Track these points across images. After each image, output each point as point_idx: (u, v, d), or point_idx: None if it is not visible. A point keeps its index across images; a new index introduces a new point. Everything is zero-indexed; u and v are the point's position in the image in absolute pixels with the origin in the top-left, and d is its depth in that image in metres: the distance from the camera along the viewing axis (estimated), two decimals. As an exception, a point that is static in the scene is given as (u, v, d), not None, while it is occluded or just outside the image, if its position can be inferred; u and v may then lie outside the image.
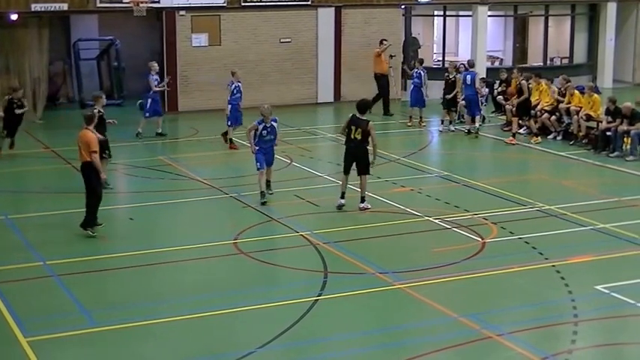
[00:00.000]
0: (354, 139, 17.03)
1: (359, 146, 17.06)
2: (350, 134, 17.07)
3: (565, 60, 35.59)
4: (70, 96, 31.89)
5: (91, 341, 11.59)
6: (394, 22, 31.96)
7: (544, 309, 12.63)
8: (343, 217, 17.00)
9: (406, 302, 12.94)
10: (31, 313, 12.44)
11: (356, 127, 16.99)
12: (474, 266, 14.13)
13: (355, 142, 17.04)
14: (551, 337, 11.75)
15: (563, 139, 23.94)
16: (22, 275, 13.93)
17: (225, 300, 12.83)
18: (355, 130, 16.99)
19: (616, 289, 13.10)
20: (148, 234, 16.50)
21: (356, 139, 17.01)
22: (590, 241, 15.61)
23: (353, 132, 17.01)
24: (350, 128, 17.05)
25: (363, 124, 16.95)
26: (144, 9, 27.69)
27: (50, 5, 27.14)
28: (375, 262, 14.37)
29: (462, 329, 11.81)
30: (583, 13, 35.95)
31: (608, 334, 11.97)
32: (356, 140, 17.02)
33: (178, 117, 28.80)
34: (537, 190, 18.93)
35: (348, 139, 17.19)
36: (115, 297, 13.21)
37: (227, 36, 29.72)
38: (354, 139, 17.03)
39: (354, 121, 17.07)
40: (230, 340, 11.64)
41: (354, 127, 17.00)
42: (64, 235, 16.11)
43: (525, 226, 16.25)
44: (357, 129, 16.97)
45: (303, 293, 13.06)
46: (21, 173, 21.52)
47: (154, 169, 21.16)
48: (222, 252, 15.02)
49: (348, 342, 11.57)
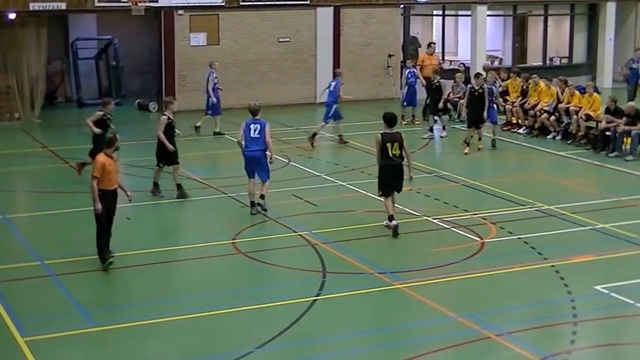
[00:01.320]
0: (394, 155, 15.73)
1: (400, 162, 15.88)
2: (387, 152, 15.72)
3: (564, 60, 35.59)
4: (68, 95, 31.88)
5: (89, 341, 11.56)
6: (393, 21, 31.97)
7: (543, 309, 12.61)
8: (342, 217, 16.96)
9: (405, 302, 12.91)
10: (28, 313, 12.40)
11: (392, 143, 15.69)
12: (473, 266, 14.10)
13: (396, 158, 15.76)
14: (550, 337, 11.72)
15: (562, 139, 23.93)
16: (20, 275, 13.89)
17: (224, 300, 12.79)
18: (392, 147, 15.68)
19: (615, 289, 13.07)
20: (145, 234, 16.46)
21: (395, 155, 15.74)
22: (590, 241, 15.60)
23: (390, 149, 15.68)
24: (385, 146, 15.70)
25: (398, 138, 15.77)
26: (142, 8, 27.69)
27: (48, 4, 27.10)
28: (373, 262, 14.34)
29: (461, 329, 11.77)
30: (582, 12, 35.93)
31: (608, 334, 11.94)
32: (396, 156, 15.75)
33: (176, 116, 28.61)
34: (536, 189, 18.89)
35: (385, 157, 15.75)
36: (113, 297, 13.19)
37: (225, 35, 29.70)
38: (394, 155, 15.73)
39: (388, 137, 15.76)
40: (228, 340, 11.60)
41: (389, 144, 15.67)
42: (61, 235, 16.08)
43: (524, 226, 16.23)
44: (394, 144, 15.69)
45: (302, 293, 13.03)
46: (18, 172, 21.48)
47: (152, 168, 21.09)
48: (221, 252, 14.99)
49: (346, 342, 11.54)
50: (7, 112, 27.57)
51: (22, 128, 26.58)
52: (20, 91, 27.70)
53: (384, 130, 15.85)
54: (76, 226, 16.29)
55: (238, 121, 23.69)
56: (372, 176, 18.76)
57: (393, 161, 15.75)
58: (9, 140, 24.85)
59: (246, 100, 28.74)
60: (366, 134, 24.98)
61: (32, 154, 23.20)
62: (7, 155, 22.68)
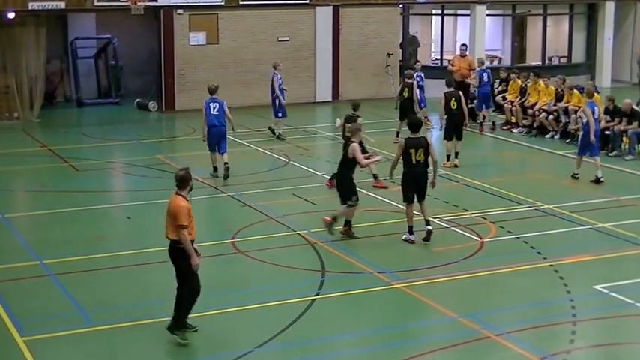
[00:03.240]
0: (417, 162, 15.03)
1: (424, 169, 15.20)
2: (410, 159, 15.03)
3: (563, 59, 35.55)
4: (67, 95, 31.85)
5: (88, 341, 11.54)
6: (392, 21, 31.94)
7: (542, 309, 12.60)
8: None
9: (404, 302, 12.90)
10: (27, 312, 12.38)
11: (416, 149, 14.97)
12: (473, 266, 14.10)
13: (419, 165, 15.07)
14: (549, 336, 11.72)
15: (561, 139, 23.92)
16: (19, 274, 13.88)
17: (223, 299, 12.77)
18: (416, 153, 14.97)
19: (615, 288, 13.07)
20: (145, 233, 16.42)
21: (419, 162, 15.04)
22: (589, 240, 15.58)
23: (414, 155, 14.98)
24: (408, 153, 15.00)
25: (423, 143, 15.09)
26: (141, 7, 27.66)
27: (48, 4, 27.08)
28: (373, 261, 14.33)
29: (461, 329, 11.77)
30: (581, 12, 35.90)
31: (607, 333, 11.93)
32: (419, 163, 15.05)
33: (175, 116, 28.75)
34: (536, 189, 18.87)
35: (409, 164, 15.08)
36: (112, 296, 13.14)
37: (225, 35, 29.67)
38: (417, 162, 15.03)
39: (412, 142, 15.06)
40: (227, 339, 11.59)
41: (413, 150, 14.96)
42: (60, 235, 16.06)
43: (524, 226, 16.22)
44: (418, 150, 14.97)
45: (301, 292, 13.01)
46: (18, 172, 21.45)
47: (151, 167, 21.10)
48: (220, 251, 14.96)
49: (346, 342, 11.54)
50: (7, 112, 27.54)
51: (22, 128, 26.56)
52: (19, 90, 27.66)
53: (408, 136, 15.28)
54: (76, 226, 16.28)
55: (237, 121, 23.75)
56: (369, 175, 18.73)
57: (417, 168, 15.06)
58: (8, 140, 24.83)
59: (245, 100, 29.08)
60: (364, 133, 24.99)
61: (31, 153, 23.19)
62: (7, 155, 22.67)
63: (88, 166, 21.37)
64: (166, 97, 29.23)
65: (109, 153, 23.41)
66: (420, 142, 15.08)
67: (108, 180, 20.74)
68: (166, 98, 29.24)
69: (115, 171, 21.41)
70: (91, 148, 23.98)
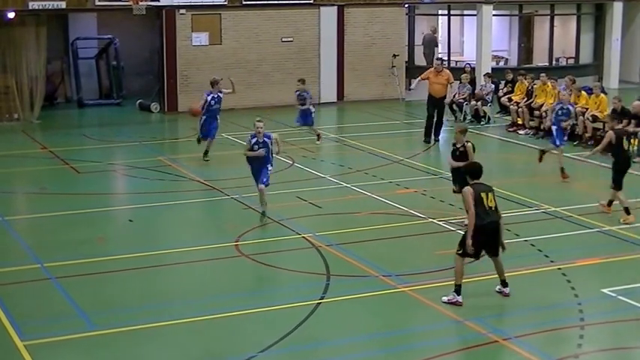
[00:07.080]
0: (490, 209, 12.62)
1: (497, 219, 12.70)
2: (482, 207, 12.57)
3: (571, 60, 35.44)
4: (68, 95, 31.79)
5: (89, 345, 11.41)
6: (397, 21, 31.83)
7: (550, 312, 12.49)
8: (346, 219, 16.82)
9: (410, 305, 12.79)
10: (28, 316, 12.26)
11: (487, 194, 12.67)
12: (479, 269, 13.90)
13: (493, 213, 12.64)
14: (557, 340, 11.61)
15: (568, 140, 23.72)
16: (19, 278, 13.75)
17: (226, 303, 12.67)
18: (487, 198, 12.63)
19: (623, 292, 12.96)
20: (147, 236, 16.32)
21: (491, 208, 12.63)
22: (597, 243, 15.48)
23: (485, 200, 12.59)
24: (479, 198, 12.57)
25: (491, 188, 12.91)
26: (143, 7, 27.61)
27: (48, 3, 26.99)
28: (378, 264, 14.20)
29: (468, 333, 11.67)
30: (589, 12, 35.80)
31: (615, 337, 11.84)
32: (492, 211, 12.64)
33: (178, 117, 28.64)
34: (543, 191, 18.75)
35: (482, 214, 12.54)
36: (114, 300, 13.02)
37: (228, 35, 29.57)
38: (490, 209, 12.62)
39: (480, 188, 12.73)
40: (231, 343, 11.48)
41: (484, 195, 12.62)
42: (61, 237, 15.94)
43: (531, 229, 16.10)
44: (489, 194, 12.69)
45: (306, 296, 12.88)
46: (18, 174, 21.33)
47: (153, 169, 21.00)
48: (223, 254, 14.84)
49: (351, 346, 11.42)
50: (7, 113, 27.45)
51: (22, 129, 26.47)
52: (19, 91, 27.57)
53: (473, 183, 12.91)
54: (76, 229, 16.17)
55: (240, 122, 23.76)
56: (376, 178, 18.64)
57: (491, 217, 12.59)
58: (8, 141, 24.75)
59: (249, 101, 28.96)
60: (370, 135, 24.92)
61: (32, 155, 23.07)
62: (6, 156, 22.57)
63: (89, 168, 21.25)
64: (168, 98, 29.14)
65: (111, 154, 23.31)
66: (488, 187, 12.96)
67: (109, 182, 20.63)
68: (168, 99, 29.16)
69: (117, 173, 21.29)
70: (92, 150, 23.84)
